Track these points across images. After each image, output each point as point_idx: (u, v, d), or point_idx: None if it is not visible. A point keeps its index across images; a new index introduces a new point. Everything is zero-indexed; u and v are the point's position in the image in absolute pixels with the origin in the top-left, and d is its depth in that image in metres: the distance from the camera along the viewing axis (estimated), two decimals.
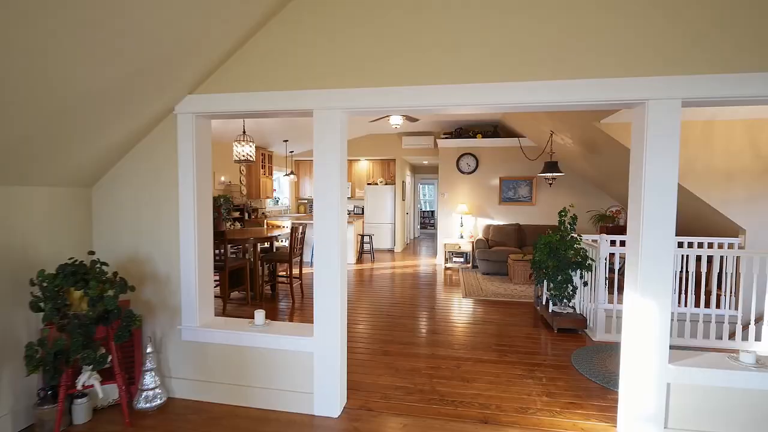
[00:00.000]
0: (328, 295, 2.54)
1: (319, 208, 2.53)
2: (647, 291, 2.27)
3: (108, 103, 2.25)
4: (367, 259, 8.50)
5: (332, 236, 2.51)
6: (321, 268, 2.53)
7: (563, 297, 4.19)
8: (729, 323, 4.02)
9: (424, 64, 2.37)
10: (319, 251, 2.54)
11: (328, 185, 2.51)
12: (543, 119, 6.04)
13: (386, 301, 5.30)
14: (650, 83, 2.18)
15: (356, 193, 10.45)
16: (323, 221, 2.52)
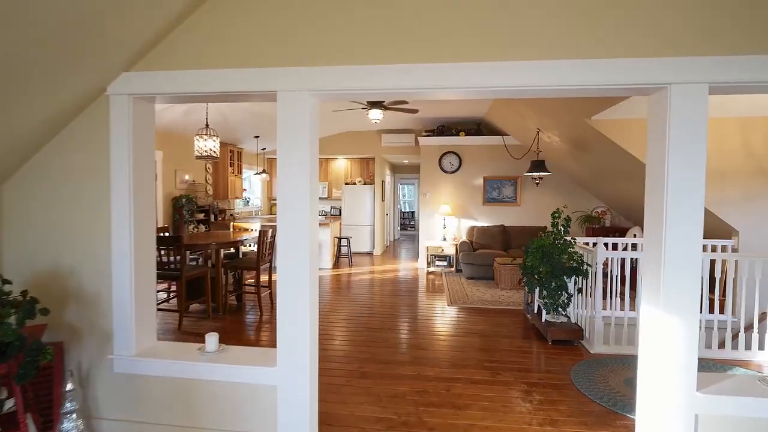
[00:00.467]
0: (294, 315, 2.09)
1: (283, 210, 2.08)
2: (671, 306, 1.92)
3: (11, 77, 1.73)
4: (345, 263, 8.05)
5: (300, 243, 2.06)
6: (285, 284, 2.08)
7: (557, 305, 3.86)
8: (731, 330, 3.79)
9: (409, 39, 1.96)
10: (284, 262, 2.08)
11: (295, 182, 2.06)
12: (529, 116, 5.75)
13: (365, 311, 4.87)
14: (674, 64, 1.84)
15: (333, 193, 9.97)
16: (288, 225, 2.07)
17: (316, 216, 2.17)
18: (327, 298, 5.46)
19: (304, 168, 2.05)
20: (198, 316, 4.60)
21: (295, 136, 2.05)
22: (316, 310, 2.20)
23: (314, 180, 2.14)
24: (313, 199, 2.11)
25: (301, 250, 2.06)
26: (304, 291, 2.07)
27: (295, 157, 2.05)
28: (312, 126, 2.09)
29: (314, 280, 2.16)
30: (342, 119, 7.56)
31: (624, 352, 3.63)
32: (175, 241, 4.10)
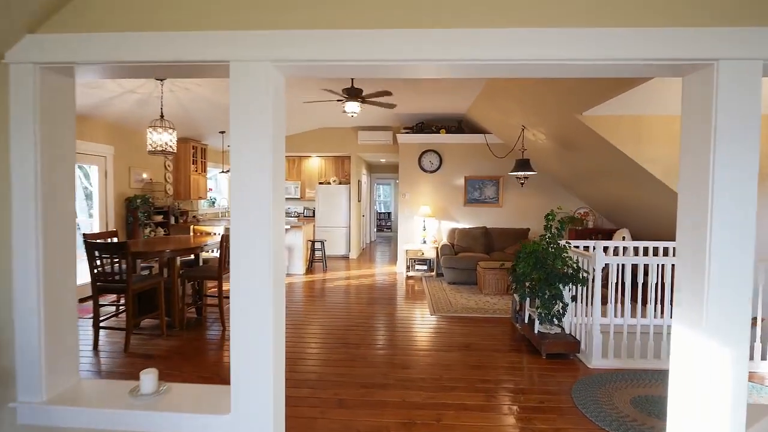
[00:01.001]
0: (252, 348, 1.63)
1: (238, 216, 1.62)
2: (718, 330, 1.58)
3: None
4: (319, 268, 7.56)
5: (259, 258, 1.61)
6: (240, 310, 1.62)
7: (552, 316, 3.54)
8: None
9: None
10: (238, 283, 1.63)
11: (254, 182, 1.60)
12: (515, 112, 5.46)
13: (341, 324, 4.42)
14: (724, 36, 1.50)
15: (306, 193, 9.45)
16: (244, 235, 1.61)
17: (281, 222, 1.72)
18: (299, 309, 4.98)
19: (265, 163, 1.59)
20: (150, 334, 4.03)
21: (253, 121, 1.59)
22: (281, 337, 1.75)
23: (278, 178, 1.68)
24: (277, 202, 1.66)
25: (261, 267, 1.60)
26: (265, 317, 1.62)
27: (254, 149, 1.59)
28: (276, 109, 1.64)
29: (279, 301, 1.71)
30: (315, 114, 7.08)
31: (625, 366, 3.35)
32: (119, 248, 3.54)
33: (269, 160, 1.59)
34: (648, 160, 4.38)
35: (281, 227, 1.72)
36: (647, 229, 5.48)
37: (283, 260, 1.77)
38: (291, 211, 9.74)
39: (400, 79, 4.96)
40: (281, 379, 1.74)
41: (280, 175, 1.69)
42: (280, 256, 1.72)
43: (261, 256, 1.60)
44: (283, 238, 1.77)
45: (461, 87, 5.36)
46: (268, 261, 1.60)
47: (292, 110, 6.54)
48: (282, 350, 1.75)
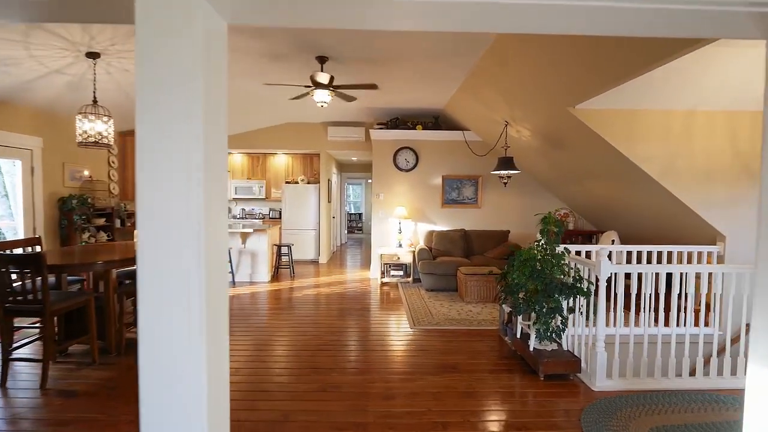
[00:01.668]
0: (169, 408, 1.08)
1: (148, 226, 1.06)
2: None
3: None
4: (286, 275, 6.93)
5: (181, 286, 1.06)
6: (150, 340, 1.07)
7: (552, 332, 3.15)
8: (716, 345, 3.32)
9: None
10: (147, 299, 1.07)
11: (172, 177, 1.05)
12: (498, 106, 5.09)
13: (309, 342, 3.87)
14: None
15: (272, 193, 8.77)
16: (158, 254, 1.06)
17: (221, 214, 1.18)
18: (261, 325, 4.38)
19: (192, 156, 1.04)
20: (78, 363, 3.33)
21: (173, 91, 1.03)
22: (223, 385, 1.21)
23: (216, 177, 1.13)
24: (214, 208, 1.12)
25: (183, 276, 1.05)
26: (194, 370, 1.07)
27: (175, 134, 1.04)
28: (212, 73, 1.10)
29: (217, 338, 1.17)
30: (281, 107, 6.47)
31: (633, 387, 3.00)
32: (31, 261, 2.84)
33: (197, 151, 1.04)
34: (643, 159, 4.10)
35: (220, 246, 1.18)
36: (636, 232, 5.25)
37: (224, 287, 1.23)
38: (255, 213, 9.03)
39: (373, 68, 4.47)
40: None
41: (218, 173, 1.14)
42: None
43: (183, 289, 1.05)
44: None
45: (441, 78, 4.93)
46: (198, 292, 1.06)
47: (254, 99, 5.90)
48: (224, 398, 1.21)
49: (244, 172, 8.72)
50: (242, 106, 6.23)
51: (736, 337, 3.95)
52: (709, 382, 3.07)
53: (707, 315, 3.66)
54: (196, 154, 1.03)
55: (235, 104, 6.12)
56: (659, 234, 4.94)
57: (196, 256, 1.05)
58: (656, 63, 2.85)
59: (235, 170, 8.71)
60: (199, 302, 1.05)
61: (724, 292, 3.12)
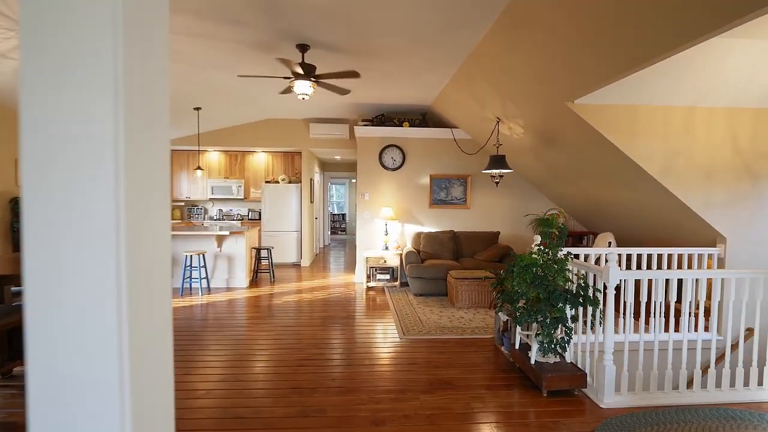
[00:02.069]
0: None
1: (36, 236, 0.72)
2: None
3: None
4: (266, 280, 6.54)
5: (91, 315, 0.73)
6: None
7: (556, 345, 2.89)
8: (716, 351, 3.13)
9: None
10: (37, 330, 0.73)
11: (71, 164, 0.71)
12: (490, 101, 4.83)
13: (289, 357, 3.53)
14: None
15: (251, 193, 8.35)
16: (48, 280, 0.72)
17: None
18: (237, 337, 4.01)
19: (101, 151, 0.70)
20: (24, 386, 2.91)
21: (71, 68, 0.69)
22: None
23: (149, 178, 0.80)
24: (143, 223, 0.77)
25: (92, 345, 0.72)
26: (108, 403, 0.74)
27: (71, 125, 0.69)
28: (140, 41, 0.76)
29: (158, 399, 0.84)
30: (260, 102, 6.09)
31: (644, 403, 2.76)
32: None
33: (107, 155, 0.70)
34: (643, 157, 3.90)
35: (154, 272, 0.84)
36: (631, 233, 5.08)
37: (163, 325, 0.89)
38: (234, 214, 8.59)
39: (358, 58, 4.15)
40: None
41: (151, 178, 0.80)
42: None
43: (92, 337, 0.72)
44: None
45: (430, 71, 4.65)
46: (117, 344, 0.72)
47: (230, 93, 5.50)
48: None
49: (221, 171, 8.27)
50: (217, 100, 5.83)
51: (735, 344, 3.80)
52: (722, 395, 2.86)
53: (711, 320, 3.48)
54: (105, 159, 0.69)
55: (209, 98, 5.71)
56: (656, 236, 4.77)
57: (112, 293, 0.71)
58: (664, 53, 2.62)
59: (212, 169, 8.25)
60: (118, 356, 0.72)
61: (736, 297, 2.92)
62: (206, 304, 5.03)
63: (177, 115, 6.32)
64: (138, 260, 0.75)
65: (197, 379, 3.02)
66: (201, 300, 5.21)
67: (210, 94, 5.51)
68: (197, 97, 5.62)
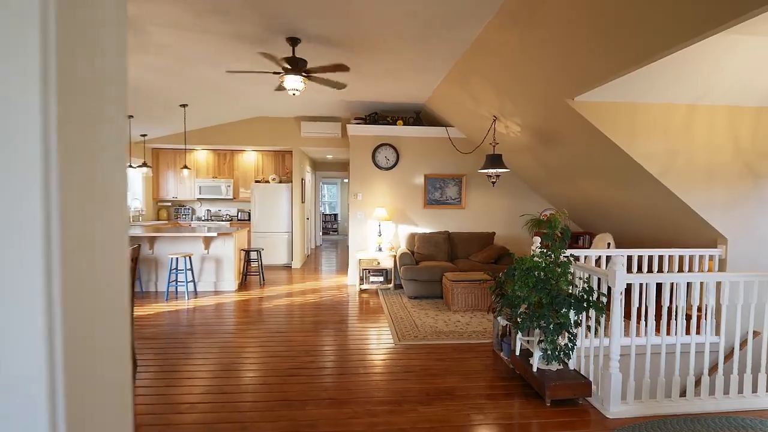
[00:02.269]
0: None
1: None
2: None
3: None
4: (255, 282, 6.34)
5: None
6: None
7: (560, 352, 2.76)
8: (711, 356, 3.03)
9: None
10: None
11: None
12: (487, 99, 4.71)
13: (279, 366, 3.35)
14: None
15: (240, 193, 8.13)
16: None
17: (111, 281, 0.67)
18: (225, 344, 3.82)
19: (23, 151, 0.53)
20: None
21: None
22: None
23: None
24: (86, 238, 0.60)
25: None
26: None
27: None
28: (83, 11, 0.59)
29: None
30: (250, 99, 5.90)
31: (651, 412, 2.65)
32: None
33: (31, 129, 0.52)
34: (643, 156, 3.80)
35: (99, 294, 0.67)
36: (629, 233, 4.99)
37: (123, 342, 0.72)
38: (222, 214, 8.36)
39: (350, 53, 3.99)
40: None
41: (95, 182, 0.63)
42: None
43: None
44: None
45: (425, 67, 4.50)
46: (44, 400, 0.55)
47: (218, 89, 5.30)
48: None
49: (209, 170, 8.04)
50: (205, 96, 5.62)
51: (743, 344, 3.71)
52: (730, 402, 2.76)
53: (719, 323, 3.39)
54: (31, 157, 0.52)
55: (196, 95, 5.50)
56: (654, 236, 4.69)
57: (40, 302, 0.54)
58: (668, 50, 2.51)
59: (200, 168, 8.02)
60: (47, 371, 0.55)
61: (744, 301, 2.81)
62: (192, 309, 4.83)
63: (162, 112, 6.10)
64: (78, 264, 0.58)
65: (180, 392, 2.84)
66: (187, 304, 5.01)
67: (197, 90, 5.31)
68: (184, 93, 5.41)
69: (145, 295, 5.37)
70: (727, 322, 2.95)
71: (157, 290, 5.53)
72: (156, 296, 5.32)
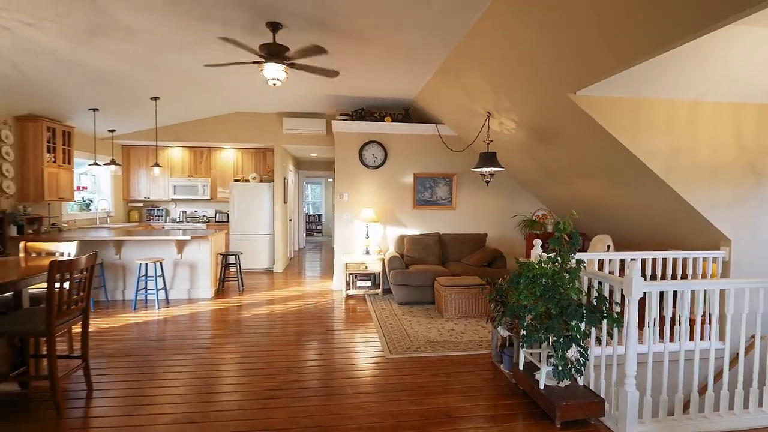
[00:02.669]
0: None
1: None
2: None
3: None
4: (234, 289, 5.94)
5: None
6: None
7: (571, 368, 2.51)
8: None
9: None
10: None
11: None
12: (481, 94, 4.44)
13: (260, 386, 3.00)
14: None
15: (218, 193, 7.70)
16: None
17: None
18: (198, 359, 3.44)
19: None
20: None
21: None
22: None
23: None
24: None
25: None
26: None
27: None
28: None
29: None
30: (228, 93, 5.50)
31: (669, 431, 2.41)
32: None
33: None
34: (647, 154, 3.60)
35: None
36: (626, 234, 4.81)
37: None
38: (199, 215, 7.91)
39: (336, 41, 3.67)
40: None
41: None
42: None
43: None
44: None
45: (416, 59, 4.21)
46: None
47: (194, 82, 4.89)
48: None
49: (184, 169, 7.58)
50: (178, 89, 5.20)
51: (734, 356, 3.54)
52: (750, 418, 2.55)
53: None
54: None
55: (169, 87, 5.08)
56: (654, 238, 4.51)
57: None
58: (679, 40, 2.31)
59: (174, 166, 7.55)
60: None
61: (765, 309, 2.61)
62: (163, 320, 4.42)
63: (132, 106, 5.65)
64: None
65: (142, 422, 2.47)
66: (157, 315, 4.59)
67: (170, 81, 4.89)
68: (155, 84, 4.97)
69: (111, 304, 4.93)
70: None
71: (125, 299, 5.09)
72: (124, 306, 4.88)
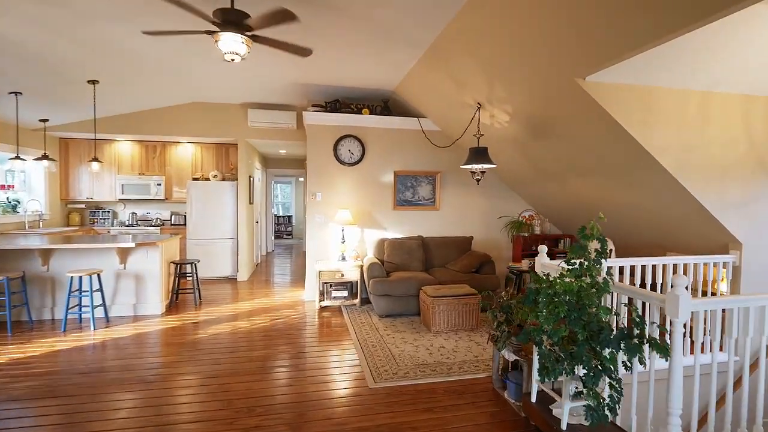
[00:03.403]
0: None
1: None
2: None
3: None
4: (189, 302, 5.20)
5: None
6: None
7: (605, 407, 2.04)
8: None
9: None
10: None
11: None
12: (473, 81, 3.97)
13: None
14: None
15: (174, 193, 6.89)
16: None
17: None
18: (140, 397, 2.76)
19: None
20: None
21: None
22: None
23: None
24: None
25: None
26: None
27: None
28: None
29: None
30: (185, 79, 4.78)
31: None
32: None
33: None
34: (658, 149, 3.23)
35: None
36: (626, 237, 4.47)
37: None
38: (152, 218, 7.06)
39: (307, 17, 3.09)
40: None
41: None
42: None
43: None
44: None
45: (398, 43, 3.69)
46: None
47: (144, 64, 4.14)
48: None
49: (134, 166, 6.73)
50: (121, 70, 4.43)
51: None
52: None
53: None
54: None
55: (108, 67, 4.31)
56: (653, 241, 4.19)
57: None
58: (703, 19, 1.93)
59: (123, 163, 6.68)
60: None
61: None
62: (99, 344, 3.68)
63: (66, 91, 4.82)
64: None
65: None
66: (93, 337, 3.84)
67: (109, 61, 4.13)
68: (89, 64, 4.20)
69: (36, 325, 4.11)
70: None
71: (54, 318, 4.28)
72: (53, 326, 4.08)
